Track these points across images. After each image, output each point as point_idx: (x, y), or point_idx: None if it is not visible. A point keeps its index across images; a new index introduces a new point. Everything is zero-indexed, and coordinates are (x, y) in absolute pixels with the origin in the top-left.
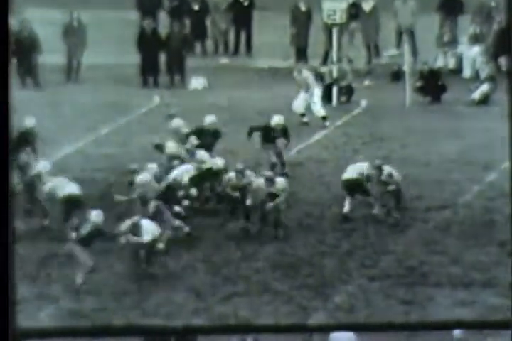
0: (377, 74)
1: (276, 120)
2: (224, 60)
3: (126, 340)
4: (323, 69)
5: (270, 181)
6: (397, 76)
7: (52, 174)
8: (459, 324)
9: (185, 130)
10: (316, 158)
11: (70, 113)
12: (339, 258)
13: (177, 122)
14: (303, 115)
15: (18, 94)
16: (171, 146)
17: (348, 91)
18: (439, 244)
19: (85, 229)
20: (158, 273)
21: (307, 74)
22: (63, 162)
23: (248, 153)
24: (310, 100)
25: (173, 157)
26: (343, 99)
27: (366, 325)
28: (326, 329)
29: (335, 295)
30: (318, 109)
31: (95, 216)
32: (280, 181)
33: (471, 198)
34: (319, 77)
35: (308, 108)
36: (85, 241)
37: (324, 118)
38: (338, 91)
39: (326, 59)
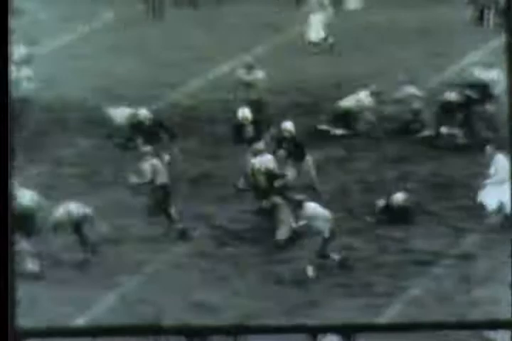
0: None
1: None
2: None
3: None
4: None
5: None
6: None
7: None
8: (459, 324)
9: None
10: None
11: (224, 32)
12: None
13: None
14: (316, 44)
15: (174, 12)
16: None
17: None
18: None
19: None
20: None
21: None
22: (218, 81)
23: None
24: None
25: None
26: (496, 21)
27: (368, 325)
28: (327, 329)
29: (488, 217)
30: (320, 31)
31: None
32: None
33: None
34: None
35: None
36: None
37: (325, 39)
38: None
39: None
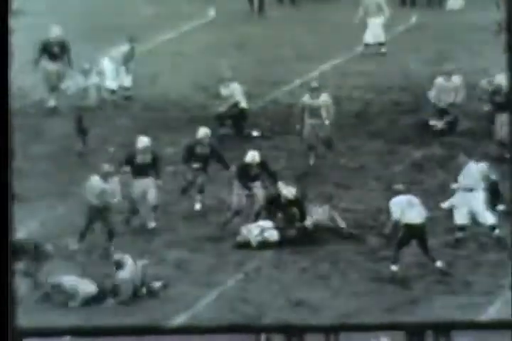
0: None
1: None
2: None
3: (127, 339)
4: None
5: None
6: None
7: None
8: (459, 324)
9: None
10: None
11: (325, 31)
12: None
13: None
14: (382, 44)
15: (275, 10)
16: None
17: None
18: None
19: None
20: None
21: None
22: (321, 78)
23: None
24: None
25: None
26: None
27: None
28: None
29: None
30: (380, 35)
31: None
32: None
33: None
34: None
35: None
36: None
37: (382, 44)
38: None
39: None
